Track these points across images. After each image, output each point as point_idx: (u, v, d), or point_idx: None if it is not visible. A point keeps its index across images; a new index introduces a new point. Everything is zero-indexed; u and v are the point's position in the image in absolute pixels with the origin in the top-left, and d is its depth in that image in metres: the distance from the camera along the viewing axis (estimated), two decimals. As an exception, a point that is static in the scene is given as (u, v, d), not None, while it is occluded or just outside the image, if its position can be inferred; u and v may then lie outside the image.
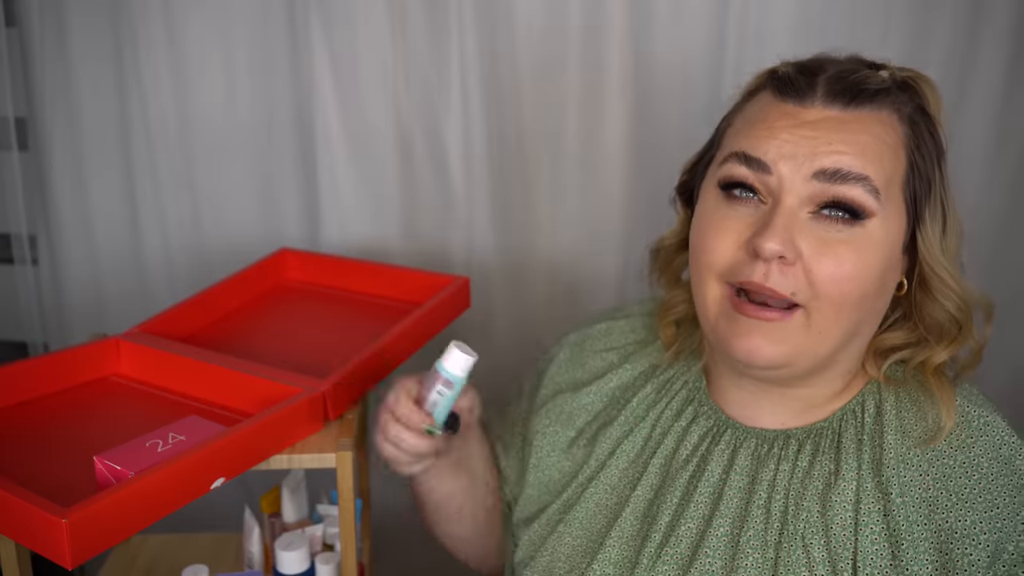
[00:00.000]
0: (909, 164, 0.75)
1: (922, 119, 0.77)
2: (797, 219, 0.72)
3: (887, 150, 0.73)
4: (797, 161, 0.71)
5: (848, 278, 0.71)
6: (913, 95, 0.78)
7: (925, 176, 0.75)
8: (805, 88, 0.74)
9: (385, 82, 1.35)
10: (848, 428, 0.78)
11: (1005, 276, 1.38)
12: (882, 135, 0.73)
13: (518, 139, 1.37)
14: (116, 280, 1.50)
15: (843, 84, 0.74)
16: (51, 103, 1.40)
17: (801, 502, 0.76)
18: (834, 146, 0.71)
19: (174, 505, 0.78)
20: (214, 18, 1.37)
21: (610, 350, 0.95)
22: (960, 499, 0.73)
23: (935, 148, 0.77)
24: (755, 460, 0.79)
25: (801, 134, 0.72)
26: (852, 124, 0.72)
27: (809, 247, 0.71)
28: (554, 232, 1.42)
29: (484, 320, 1.46)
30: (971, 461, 0.75)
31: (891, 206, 0.73)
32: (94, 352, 1.01)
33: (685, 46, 1.31)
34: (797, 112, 0.73)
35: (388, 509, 1.57)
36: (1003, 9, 1.26)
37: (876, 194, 0.71)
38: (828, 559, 0.74)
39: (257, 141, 1.42)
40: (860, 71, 0.75)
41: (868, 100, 0.73)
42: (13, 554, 0.89)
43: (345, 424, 0.93)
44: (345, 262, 1.24)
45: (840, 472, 0.76)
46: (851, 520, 0.74)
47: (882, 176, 0.72)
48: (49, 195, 1.45)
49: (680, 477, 0.82)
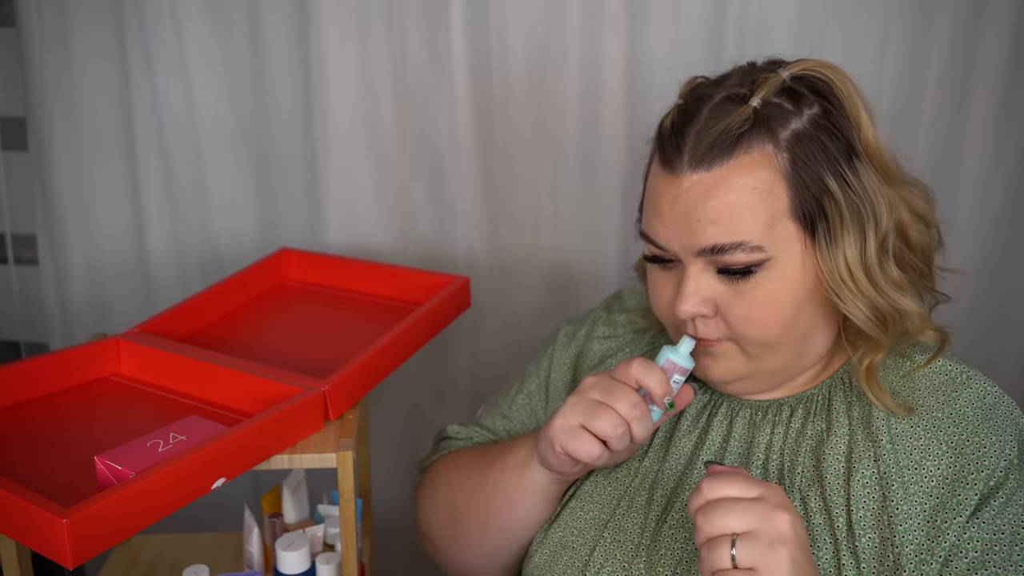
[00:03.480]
0: (793, 192, 0.75)
1: (815, 124, 0.76)
2: (704, 276, 0.78)
3: (759, 195, 0.75)
4: (682, 240, 0.77)
5: (761, 319, 0.77)
6: (804, 97, 0.76)
7: (814, 196, 0.75)
8: (674, 156, 0.77)
9: (385, 83, 1.35)
10: (837, 393, 0.83)
11: (1005, 276, 1.38)
12: (751, 182, 0.75)
13: (517, 139, 1.37)
14: (117, 280, 1.50)
15: (703, 144, 0.75)
16: (51, 102, 1.40)
17: (796, 458, 0.81)
18: (703, 222, 0.75)
19: (175, 505, 0.78)
20: (215, 18, 1.37)
21: (608, 338, 0.99)
22: (950, 447, 0.78)
23: (836, 151, 0.76)
24: (751, 426, 0.85)
25: (679, 210, 0.77)
26: (719, 185, 0.75)
27: (721, 298, 0.78)
28: (552, 232, 1.42)
29: (482, 320, 1.46)
30: (957, 412, 0.79)
31: (785, 240, 0.76)
32: (95, 352, 1.00)
33: (684, 45, 1.32)
34: (673, 182, 0.77)
35: (388, 509, 1.57)
36: (1003, 9, 1.26)
37: (759, 248, 0.75)
38: (824, 508, 0.78)
39: (257, 142, 1.42)
40: (723, 116, 0.75)
41: (731, 150, 0.75)
42: (13, 554, 0.89)
43: (346, 424, 0.93)
44: (345, 262, 1.24)
45: (832, 429, 0.81)
46: (843, 469, 0.79)
47: (760, 226, 0.75)
48: (50, 195, 1.45)
49: (683, 447, 0.86)
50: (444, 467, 0.99)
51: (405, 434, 1.54)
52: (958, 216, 1.36)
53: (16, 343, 1.61)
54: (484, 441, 1.02)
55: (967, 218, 1.36)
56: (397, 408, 1.52)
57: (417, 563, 1.61)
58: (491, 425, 1.03)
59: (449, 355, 1.49)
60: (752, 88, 0.77)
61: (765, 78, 0.77)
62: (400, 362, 1.04)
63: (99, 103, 1.42)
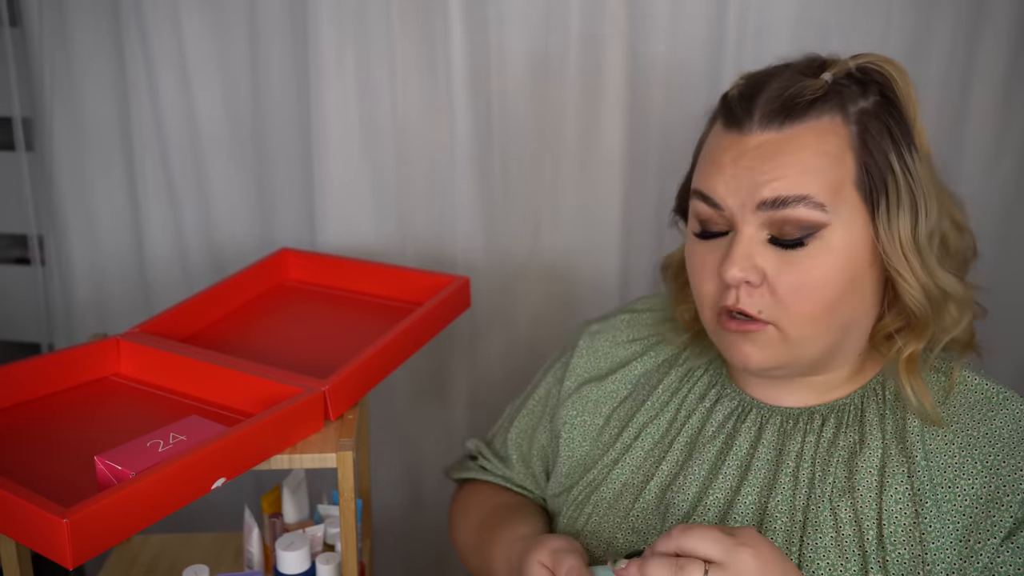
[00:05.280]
0: (859, 164, 0.76)
1: (881, 109, 0.78)
2: (756, 243, 0.76)
3: (828, 159, 0.75)
4: (742, 195, 0.76)
5: (811, 289, 0.76)
6: (869, 85, 0.78)
7: (879, 171, 0.76)
8: (743, 116, 0.77)
9: (383, 83, 1.35)
10: (870, 404, 0.82)
11: (1005, 276, 1.38)
12: (821, 145, 0.75)
13: (517, 139, 1.37)
14: (117, 280, 1.50)
15: (776, 104, 0.76)
16: (53, 103, 1.40)
17: (827, 468, 0.80)
18: (770, 174, 0.75)
19: (175, 505, 0.78)
20: (215, 19, 1.37)
21: (634, 341, 0.97)
22: (985, 467, 0.77)
23: (899, 135, 0.77)
24: (781, 434, 0.83)
25: (743, 165, 0.76)
26: (789, 144, 0.75)
27: (771, 267, 0.76)
28: (552, 233, 1.42)
29: (482, 320, 1.46)
30: (993, 432, 0.78)
31: (845, 210, 0.75)
32: (95, 352, 1.01)
33: (684, 45, 1.32)
34: (739, 141, 0.77)
35: (388, 509, 1.57)
36: (1003, 9, 1.26)
37: (822, 208, 0.74)
38: (855, 519, 0.77)
39: (256, 142, 1.43)
40: (796, 84, 0.77)
41: (803, 113, 0.76)
42: (13, 554, 0.89)
43: (346, 424, 0.93)
44: (345, 262, 1.24)
45: (865, 442, 0.80)
46: (876, 482, 0.78)
47: (826, 187, 0.75)
48: (52, 195, 1.45)
49: (707, 452, 0.85)
50: (463, 503, 1.04)
51: (405, 434, 1.54)
52: (958, 216, 1.36)
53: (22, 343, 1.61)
54: (497, 478, 1.03)
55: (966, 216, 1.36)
56: (397, 408, 1.52)
57: (417, 563, 1.61)
58: (502, 451, 1.04)
59: (449, 355, 1.49)
60: (823, 67, 0.78)
61: (834, 61, 0.79)
62: (400, 362, 1.04)
63: (99, 104, 1.42)
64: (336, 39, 1.32)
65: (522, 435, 1.02)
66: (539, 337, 1.48)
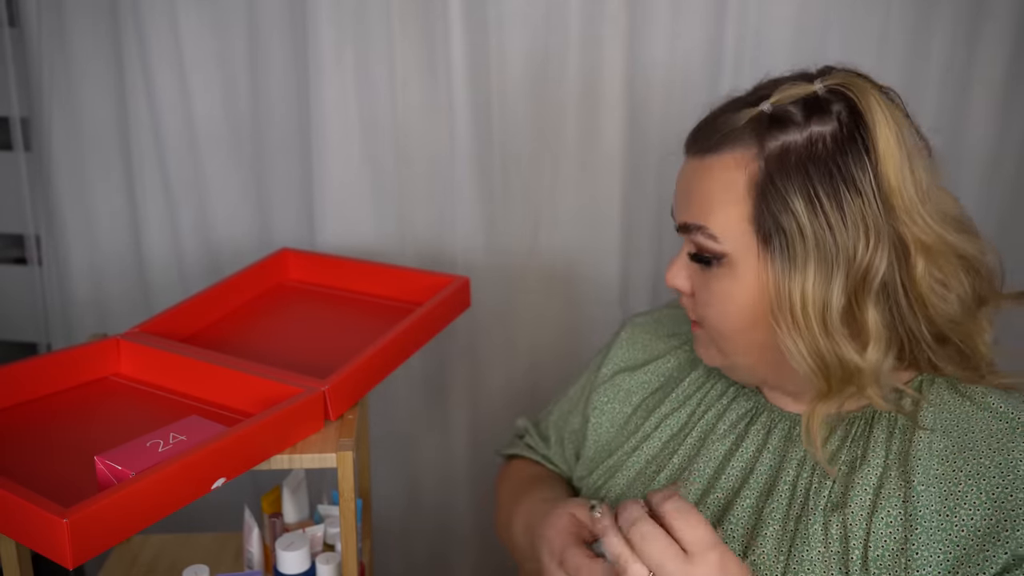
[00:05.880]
0: (756, 202, 0.74)
1: (813, 143, 0.72)
2: (685, 257, 0.82)
3: (730, 195, 0.75)
4: (676, 215, 0.82)
5: (718, 310, 0.79)
6: (828, 114, 0.73)
7: (776, 210, 0.73)
8: (687, 142, 0.82)
9: (383, 83, 1.35)
10: (881, 420, 0.79)
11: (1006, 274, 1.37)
12: (726, 178, 0.76)
13: (516, 139, 1.37)
14: (116, 280, 1.50)
15: (701, 134, 0.79)
16: (52, 103, 1.40)
17: (824, 480, 0.78)
18: (683, 200, 0.81)
19: (175, 505, 0.78)
20: (213, 18, 1.37)
21: (673, 335, 0.98)
22: (990, 498, 0.72)
23: (821, 175, 0.72)
24: (787, 441, 0.82)
25: (680, 188, 0.82)
26: (702, 173, 0.78)
27: (694, 281, 0.82)
28: (552, 232, 1.42)
29: (482, 320, 1.46)
30: (1009, 463, 0.73)
31: (743, 247, 0.76)
32: (94, 352, 1.00)
33: (684, 46, 1.32)
34: (684, 166, 0.82)
35: (388, 509, 1.57)
36: (1003, 9, 1.26)
37: (715, 239, 0.77)
38: (843, 536, 0.75)
39: (255, 142, 1.42)
40: (728, 116, 0.77)
41: (718, 145, 0.77)
42: (13, 554, 0.89)
43: (346, 424, 0.93)
44: (345, 262, 1.23)
45: (867, 458, 0.77)
46: (869, 502, 0.75)
47: (722, 221, 0.76)
48: (50, 195, 1.45)
49: (716, 450, 0.85)
50: (504, 477, 1.08)
51: (405, 434, 1.54)
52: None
53: (19, 343, 1.61)
54: (538, 456, 1.06)
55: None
56: (397, 408, 1.52)
57: (417, 563, 1.61)
58: (545, 432, 1.07)
59: (449, 355, 1.49)
60: (768, 96, 0.76)
61: (792, 85, 0.75)
62: (400, 362, 1.04)
63: (97, 103, 1.42)
64: (335, 38, 1.32)
65: (561, 418, 1.05)
66: (539, 337, 1.48)
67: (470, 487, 1.55)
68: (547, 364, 1.48)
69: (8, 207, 1.53)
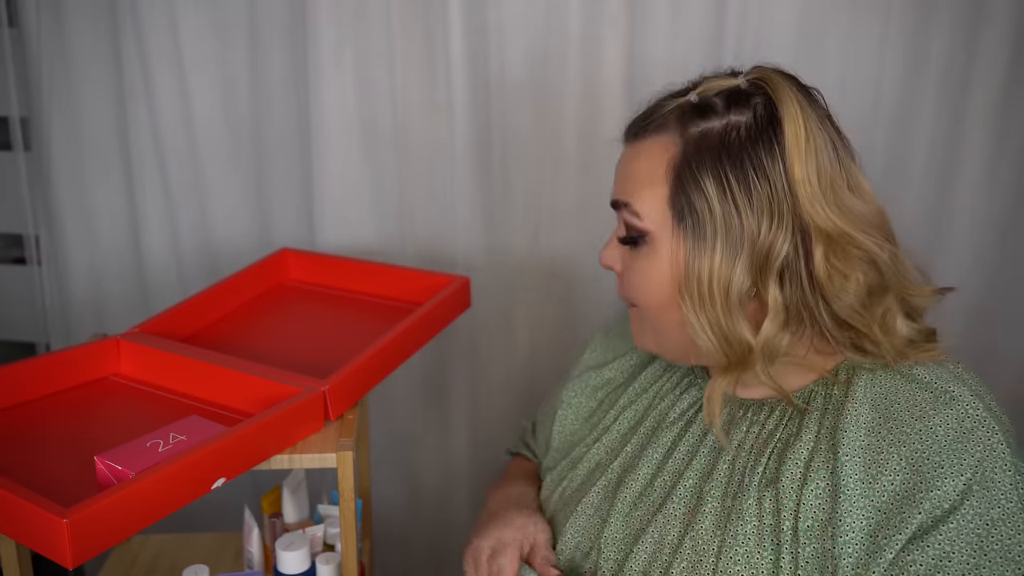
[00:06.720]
0: (674, 183, 0.79)
1: (728, 131, 0.77)
2: (616, 239, 0.86)
3: (653, 176, 0.81)
4: (612, 194, 0.86)
5: (639, 289, 0.83)
6: (746, 106, 0.78)
7: (690, 191, 0.78)
8: (627, 128, 0.87)
9: (382, 83, 1.35)
10: (817, 397, 0.82)
11: (1006, 276, 1.38)
12: (652, 161, 0.81)
13: (516, 139, 1.37)
14: (116, 280, 1.50)
15: (635, 121, 0.85)
16: (51, 103, 1.40)
17: (760, 458, 0.81)
18: (619, 180, 0.85)
19: (175, 505, 0.78)
20: (213, 18, 1.37)
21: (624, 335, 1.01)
22: (909, 463, 0.74)
23: (733, 161, 0.76)
24: (730, 423, 0.85)
25: (617, 171, 0.87)
26: (633, 156, 0.84)
27: (622, 261, 0.86)
28: (552, 232, 1.42)
29: (482, 320, 1.46)
30: (928, 429, 0.75)
31: (661, 225, 0.80)
32: (94, 352, 1.00)
33: (684, 46, 1.32)
34: (623, 150, 0.87)
35: (388, 509, 1.57)
36: (1003, 9, 1.26)
37: (638, 216, 0.81)
38: (775, 509, 0.77)
39: (255, 142, 1.42)
40: (659, 106, 0.83)
41: (646, 131, 0.82)
42: (13, 554, 0.89)
43: (346, 424, 0.93)
44: (345, 262, 1.24)
45: (800, 435, 0.80)
46: (800, 475, 0.78)
47: (646, 200, 0.81)
48: (49, 195, 1.45)
49: (665, 437, 0.88)
50: (504, 472, 1.10)
51: (405, 434, 1.54)
52: (957, 216, 1.36)
53: (18, 343, 1.61)
54: (529, 452, 1.11)
55: (966, 218, 1.36)
56: (397, 408, 1.52)
57: (417, 563, 1.61)
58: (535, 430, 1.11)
59: (449, 355, 1.49)
60: (696, 87, 0.82)
61: (719, 78, 0.81)
62: (400, 362, 1.04)
63: (96, 104, 1.42)
64: (335, 39, 1.32)
65: (543, 415, 1.07)
66: (539, 337, 1.48)
67: (470, 487, 1.55)
68: (547, 364, 1.48)
69: (8, 207, 1.53)
